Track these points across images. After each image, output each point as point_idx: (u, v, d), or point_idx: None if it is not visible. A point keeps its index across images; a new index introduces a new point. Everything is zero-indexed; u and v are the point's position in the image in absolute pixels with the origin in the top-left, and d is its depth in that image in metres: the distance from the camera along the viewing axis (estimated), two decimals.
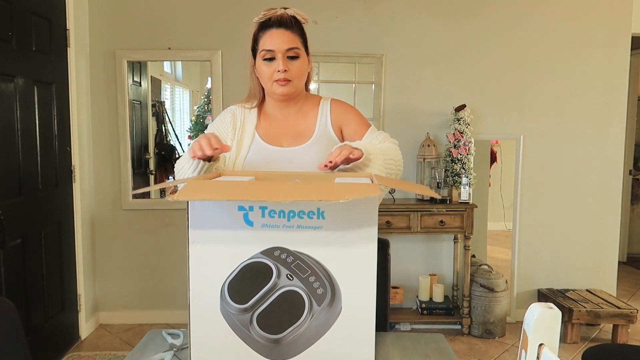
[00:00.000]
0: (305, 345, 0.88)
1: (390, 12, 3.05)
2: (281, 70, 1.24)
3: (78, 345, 2.82)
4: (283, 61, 1.24)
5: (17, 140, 2.29)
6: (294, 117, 1.36)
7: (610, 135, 3.13)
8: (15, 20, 2.27)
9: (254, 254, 0.88)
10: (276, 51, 1.24)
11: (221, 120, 1.38)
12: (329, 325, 0.87)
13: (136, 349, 1.06)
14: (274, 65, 1.26)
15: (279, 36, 1.25)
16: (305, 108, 1.37)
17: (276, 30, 1.25)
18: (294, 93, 1.31)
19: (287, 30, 1.26)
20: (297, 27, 1.28)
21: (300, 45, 1.28)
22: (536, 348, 0.60)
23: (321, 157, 1.27)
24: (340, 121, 1.35)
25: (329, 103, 1.38)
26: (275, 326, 0.88)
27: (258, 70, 1.30)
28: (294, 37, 1.26)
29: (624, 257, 4.49)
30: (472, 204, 2.91)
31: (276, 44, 1.24)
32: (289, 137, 1.33)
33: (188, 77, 3.68)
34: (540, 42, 3.08)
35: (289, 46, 1.25)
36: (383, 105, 3.09)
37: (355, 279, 0.85)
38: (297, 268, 0.87)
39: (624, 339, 2.79)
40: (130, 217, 3.12)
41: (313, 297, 0.87)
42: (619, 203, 3.17)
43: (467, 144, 2.91)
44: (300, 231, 0.86)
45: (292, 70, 1.26)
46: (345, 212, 0.84)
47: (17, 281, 2.28)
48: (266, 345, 0.89)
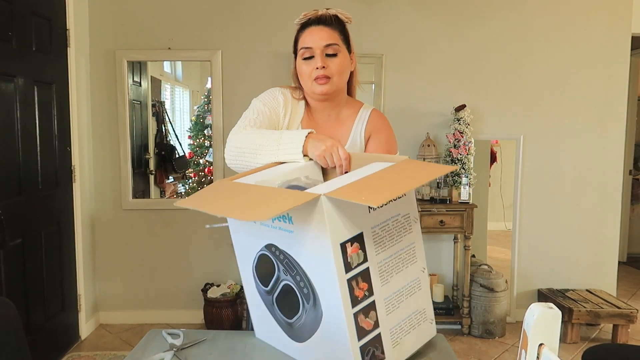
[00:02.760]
0: (308, 335, 0.92)
1: (390, 12, 3.05)
2: (319, 67, 1.21)
3: (78, 345, 2.82)
4: (321, 58, 1.21)
5: (17, 140, 2.29)
6: (333, 122, 1.33)
7: (610, 135, 3.13)
8: (15, 20, 2.27)
9: (261, 247, 0.95)
10: (314, 48, 1.21)
11: (274, 98, 1.31)
12: (317, 323, 0.89)
13: (136, 349, 1.06)
14: (313, 63, 1.22)
15: (317, 33, 1.22)
16: (345, 114, 1.33)
17: (314, 27, 1.23)
18: (335, 92, 1.26)
19: (325, 26, 1.23)
20: (337, 24, 1.25)
21: (339, 41, 1.24)
22: (536, 348, 0.60)
23: (354, 165, 1.28)
24: (372, 131, 1.32)
25: (369, 112, 1.34)
26: (288, 311, 0.95)
27: (298, 70, 1.27)
28: (332, 33, 1.23)
29: (624, 257, 4.49)
30: (472, 204, 2.91)
31: (313, 41, 1.22)
32: None
33: (188, 77, 3.68)
34: (540, 42, 3.08)
35: (327, 42, 1.21)
36: (383, 105, 3.09)
37: (324, 286, 0.85)
38: (287, 266, 0.91)
39: (624, 339, 2.79)
40: (130, 217, 3.12)
41: (301, 295, 0.90)
42: (619, 203, 3.17)
43: (467, 144, 2.91)
44: (281, 232, 0.89)
45: (331, 67, 1.22)
46: (306, 217, 0.83)
47: (17, 281, 2.28)
48: (285, 325, 0.98)
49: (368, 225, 0.86)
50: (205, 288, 3.03)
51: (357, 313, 0.84)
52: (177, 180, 3.59)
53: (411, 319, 0.94)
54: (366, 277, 0.85)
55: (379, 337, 0.88)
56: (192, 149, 3.56)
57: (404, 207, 0.93)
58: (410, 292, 0.94)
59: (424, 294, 0.97)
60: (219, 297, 2.92)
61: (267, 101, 1.29)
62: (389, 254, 0.90)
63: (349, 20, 1.28)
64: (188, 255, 3.14)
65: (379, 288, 0.87)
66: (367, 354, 0.86)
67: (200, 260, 3.14)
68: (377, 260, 0.87)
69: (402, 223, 0.92)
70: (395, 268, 0.91)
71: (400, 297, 0.92)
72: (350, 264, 0.82)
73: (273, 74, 3.04)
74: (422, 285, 0.97)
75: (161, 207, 3.16)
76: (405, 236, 0.93)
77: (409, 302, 0.94)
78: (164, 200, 3.46)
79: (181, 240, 3.13)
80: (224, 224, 0.98)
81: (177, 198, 3.54)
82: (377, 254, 0.87)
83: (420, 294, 0.96)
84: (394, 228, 0.91)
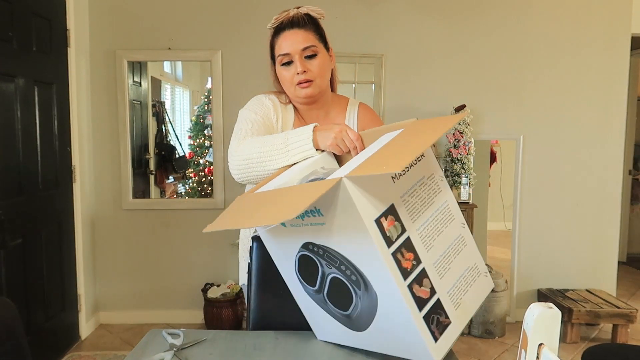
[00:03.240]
0: (369, 321, 0.91)
1: (390, 12, 3.05)
2: (300, 72, 1.20)
3: (78, 345, 2.82)
4: (301, 62, 1.20)
5: (17, 140, 2.29)
6: (323, 122, 1.32)
7: (610, 135, 3.13)
8: (15, 20, 2.27)
9: (298, 248, 0.96)
10: (292, 53, 1.20)
11: (262, 105, 1.29)
12: (374, 307, 0.88)
13: (136, 349, 1.06)
14: (292, 68, 1.22)
15: (292, 37, 1.20)
16: (334, 112, 1.33)
17: (288, 31, 1.21)
18: (319, 94, 1.26)
19: (300, 29, 1.21)
20: (311, 24, 1.23)
21: (316, 42, 1.22)
22: (536, 348, 0.60)
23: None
24: (364, 128, 1.32)
25: (356, 107, 1.35)
26: (342, 303, 0.94)
27: (279, 77, 1.26)
28: (308, 34, 1.21)
29: (624, 257, 4.49)
30: (472, 204, 2.91)
31: (290, 46, 1.20)
32: None
33: (188, 77, 3.69)
34: (540, 42, 3.08)
35: (304, 45, 1.20)
36: (383, 105, 3.09)
37: (371, 268, 0.84)
38: (329, 259, 0.91)
39: (624, 338, 2.79)
40: (130, 217, 3.12)
41: (350, 283, 0.89)
42: (619, 203, 3.17)
43: (467, 144, 2.92)
44: (314, 228, 0.89)
45: (312, 70, 1.22)
46: (333, 204, 0.83)
47: (17, 281, 2.28)
48: (342, 318, 0.97)
49: (397, 195, 0.85)
50: (205, 288, 3.03)
51: (411, 284, 0.83)
52: (177, 180, 3.59)
53: (465, 277, 0.93)
54: (409, 246, 0.84)
55: (438, 302, 0.86)
56: (192, 149, 3.56)
57: (427, 169, 0.92)
58: (457, 250, 0.93)
59: (470, 249, 0.95)
60: (219, 297, 2.92)
61: (257, 109, 1.27)
62: (426, 219, 0.88)
63: (321, 16, 1.25)
64: (188, 255, 3.14)
65: (425, 254, 0.86)
66: (432, 322, 0.84)
67: (200, 260, 3.14)
68: (415, 228, 0.86)
69: (429, 185, 0.92)
70: (436, 231, 0.90)
71: (449, 258, 0.91)
72: (390, 237, 0.81)
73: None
74: (467, 241, 0.95)
75: (161, 207, 3.16)
76: (437, 197, 0.92)
77: (458, 261, 0.92)
78: (164, 200, 3.46)
79: (181, 240, 3.13)
80: (221, 229, 0.97)
81: (177, 198, 3.54)
82: (413, 221, 0.86)
83: (467, 250, 0.95)
84: (423, 192, 0.90)
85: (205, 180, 3.45)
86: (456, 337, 0.88)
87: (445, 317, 0.87)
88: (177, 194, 3.61)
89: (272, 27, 1.24)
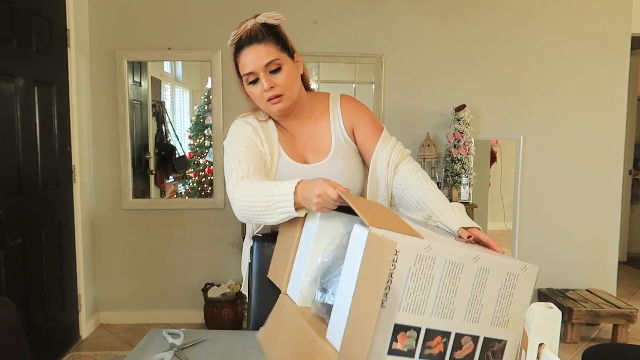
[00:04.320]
0: None
1: (390, 12, 3.05)
2: (267, 89, 1.17)
3: (78, 345, 2.82)
4: (266, 78, 1.16)
5: (17, 140, 2.29)
6: (309, 127, 1.30)
7: (610, 135, 3.13)
8: (15, 20, 2.27)
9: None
10: (256, 71, 1.16)
11: (243, 133, 1.25)
12: None
13: (136, 349, 1.06)
14: (259, 86, 1.18)
15: (252, 54, 1.16)
16: (317, 113, 1.31)
17: (248, 48, 1.16)
18: (291, 105, 1.23)
19: (259, 44, 1.16)
20: (270, 35, 1.17)
21: (278, 54, 1.17)
22: (536, 348, 0.60)
23: (343, 168, 1.26)
24: (352, 122, 1.30)
25: (338, 102, 1.32)
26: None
27: (249, 94, 1.23)
28: (268, 48, 1.16)
29: (624, 257, 4.48)
30: (472, 203, 2.91)
31: (252, 64, 1.16)
32: (309, 151, 1.29)
33: (188, 77, 3.69)
34: (540, 42, 3.08)
35: (266, 61, 1.16)
36: (383, 105, 3.09)
37: None
38: None
39: (624, 338, 2.79)
40: (130, 217, 3.12)
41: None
42: (619, 203, 3.17)
43: (467, 144, 2.91)
44: None
45: (279, 84, 1.18)
46: None
47: (17, 281, 2.28)
48: None
49: (394, 309, 0.78)
50: (205, 288, 3.03)
51: (452, 356, 0.82)
52: (177, 180, 3.59)
53: (503, 294, 0.86)
54: (432, 334, 0.81)
55: (486, 341, 0.84)
56: (192, 149, 3.56)
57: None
58: (481, 285, 0.84)
59: (495, 265, 0.85)
60: (219, 297, 2.92)
61: (240, 140, 1.24)
62: (435, 295, 0.81)
63: (280, 22, 1.21)
64: (188, 255, 3.14)
65: (449, 323, 0.82)
66: (487, 359, 0.84)
67: (200, 260, 3.14)
68: (428, 314, 0.81)
69: (422, 259, 0.81)
70: (450, 294, 0.82)
71: (476, 299, 0.84)
72: (411, 350, 0.79)
73: None
74: (487, 265, 0.84)
75: (161, 207, 3.15)
76: (434, 265, 0.81)
77: (488, 291, 0.85)
78: (164, 200, 3.46)
79: (181, 240, 3.13)
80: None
81: (177, 198, 3.54)
82: (422, 312, 0.80)
83: (492, 271, 0.85)
84: (418, 270, 0.81)
85: (205, 180, 3.45)
86: (518, 344, 0.84)
87: (498, 342, 0.84)
88: (177, 194, 3.61)
89: (232, 44, 1.19)
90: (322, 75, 3.11)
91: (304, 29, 3.03)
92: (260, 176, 1.18)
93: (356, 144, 1.31)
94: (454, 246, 0.84)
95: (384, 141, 1.28)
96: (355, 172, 1.29)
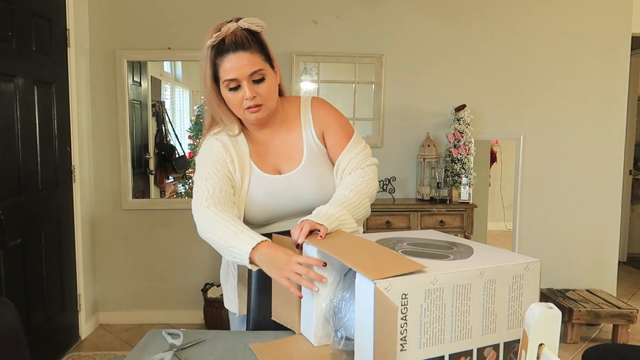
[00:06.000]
0: None
1: (390, 12, 3.05)
2: (249, 98, 1.16)
3: (78, 345, 2.82)
4: (249, 87, 1.15)
5: (17, 140, 2.28)
6: (281, 135, 1.29)
7: (610, 135, 3.13)
8: (15, 20, 2.27)
9: None
10: (240, 79, 1.15)
11: (213, 151, 1.23)
12: None
13: (136, 349, 1.06)
14: (240, 93, 1.16)
15: (238, 61, 1.14)
16: (289, 120, 1.29)
17: (233, 55, 1.14)
18: (269, 115, 1.23)
19: (245, 52, 1.14)
20: (255, 43, 1.17)
21: (263, 63, 1.17)
22: (536, 348, 0.60)
23: (315, 176, 1.26)
24: (322, 127, 1.29)
25: (309, 107, 1.31)
26: None
27: (227, 100, 1.20)
28: (254, 57, 1.15)
29: (624, 257, 4.48)
30: (472, 204, 2.91)
31: (238, 72, 1.14)
32: (282, 159, 1.28)
33: (188, 77, 3.68)
34: (540, 42, 3.08)
35: (252, 70, 1.14)
36: (383, 105, 3.09)
37: None
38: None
39: (624, 339, 2.79)
40: (130, 217, 3.12)
41: None
42: (619, 203, 3.17)
43: (467, 144, 2.91)
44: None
45: (261, 94, 1.17)
46: None
47: (17, 281, 2.28)
48: None
49: None
50: (205, 288, 3.03)
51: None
52: (177, 180, 3.59)
53: (515, 293, 0.88)
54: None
55: (507, 345, 0.87)
56: (192, 149, 3.56)
57: None
58: (490, 296, 0.86)
59: (502, 272, 0.87)
60: (219, 297, 2.91)
61: (208, 158, 1.22)
62: (450, 318, 0.83)
63: (262, 29, 1.20)
64: (188, 255, 3.14)
65: (469, 341, 0.84)
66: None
67: (200, 260, 3.14)
68: (448, 341, 0.83)
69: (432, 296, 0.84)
70: (464, 313, 0.84)
71: (490, 311, 0.86)
72: None
73: None
74: (491, 273, 0.86)
75: (161, 207, 3.15)
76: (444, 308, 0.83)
77: (499, 298, 0.86)
78: (164, 200, 3.46)
79: (181, 240, 3.13)
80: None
81: (177, 198, 3.54)
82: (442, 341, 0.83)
83: (499, 280, 0.87)
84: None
85: None
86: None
87: (518, 342, 0.86)
88: (177, 194, 3.61)
89: (212, 45, 1.17)
90: (322, 75, 3.11)
91: (304, 29, 3.03)
92: (226, 198, 1.18)
93: (326, 148, 1.30)
94: (457, 270, 0.84)
95: (350, 148, 1.28)
96: (327, 179, 1.28)
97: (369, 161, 1.29)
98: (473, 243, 1.05)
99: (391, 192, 3.00)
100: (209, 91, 1.22)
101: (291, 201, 1.26)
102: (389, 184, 2.99)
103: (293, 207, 1.26)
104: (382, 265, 0.82)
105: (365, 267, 0.81)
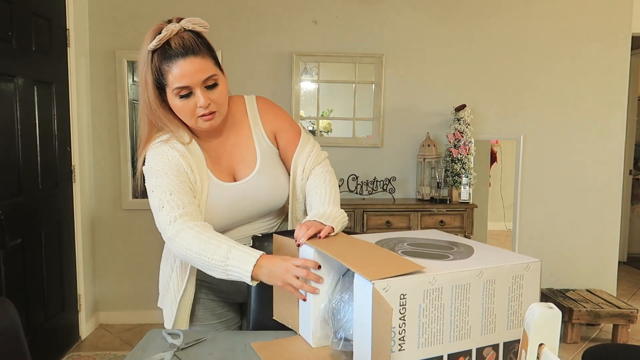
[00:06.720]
0: None
1: (390, 12, 3.05)
2: (204, 106, 1.09)
3: (78, 345, 2.82)
4: (203, 94, 1.09)
5: (17, 140, 2.28)
6: (232, 138, 1.25)
7: (610, 135, 3.13)
8: (15, 20, 2.27)
9: None
10: (192, 86, 1.08)
11: (173, 162, 1.15)
12: None
13: (136, 349, 1.06)
14: (192, 100, 1.10)
15: (188, 67, 1.07)
16: (237, 123, 1.26)
17: (183, 60, 1.07)
18: (221, 122, 1.18)
19: (196, 56, 1.08)
20: (204, 46, 1.12)
21: (214, 68, 1.11)
22: (536, 348, 0.60)
23: (271, 179, 1.24)
24: (273, 127, 1.28)
25: (255, 106, 1.28)
26: None
27: (175, 108, 1.13)
28: (205, 62, 1.09)
29: (624, 257, 4.48)
30: (472, 204, 2.91)
31: (190, 78, 1.07)
32: (235, 164, 1.24)
33: None
34: (540, 42, 3.08)
35: (205, 76, 1.09)
36: (383, 105, 3.09)
37: None
38: None
39: (624, 339, 2.79)
40: (130, 217, 3.12)
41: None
42: (619, 203, 3.17)
43: (467, 144, 2.91)
44: None
45: (215, 101, 1.11)
46: None
47: (17, 281, 2.28)
48: None
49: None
50: None
51: None
52: None
53: (515, 291, 0.88)
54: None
55: (506, 344, 0.87)
56: None
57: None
58: (490, 295, 0.86)
59: (501, 272, 0.87)
60: None
61: (167, 168, 1.14)
62: (449, 317, 0.83)
63: (205, 29, 1.16)
64: None
65: (468, 340, 0.85)
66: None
67: None
68: (447, 342, 0.84)
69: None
70: (462, 312, 0.84)
71: (489, 310, 0.86)
72: None
73: (273, 74, 3.04)
74: (490, 272, 0.86)
75: None
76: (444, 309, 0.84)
77: (498, 299, 0.86)
78: None
79: None
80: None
81: None
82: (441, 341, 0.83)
83: (498, 279, 0.87)
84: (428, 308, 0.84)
85: None
86: None
87: (518, 343, 0.86)
88: None
89: (154, 49, 1.11)
90: (322, 75, 3.11)
91: (304, 29, 3.03)
92: (196, 210, 1.12)
93: (278, 148, 1.29)
94: (456, 270, 0.84)
95: (303, 145, 1.28)
96: (282, 180, 1.27)
97: (322, 155, 1.31)
98: (474, 243, 1.05)
99: (391, 192, 3.00)
100: (150, 98, 1.13)
101: (249, 207, 1.23)
102: (389, 184, 2.99)
103: (251, 212, 1.25)
104: (381, 266, 0.82)
105: (363, 268, 0.82)
